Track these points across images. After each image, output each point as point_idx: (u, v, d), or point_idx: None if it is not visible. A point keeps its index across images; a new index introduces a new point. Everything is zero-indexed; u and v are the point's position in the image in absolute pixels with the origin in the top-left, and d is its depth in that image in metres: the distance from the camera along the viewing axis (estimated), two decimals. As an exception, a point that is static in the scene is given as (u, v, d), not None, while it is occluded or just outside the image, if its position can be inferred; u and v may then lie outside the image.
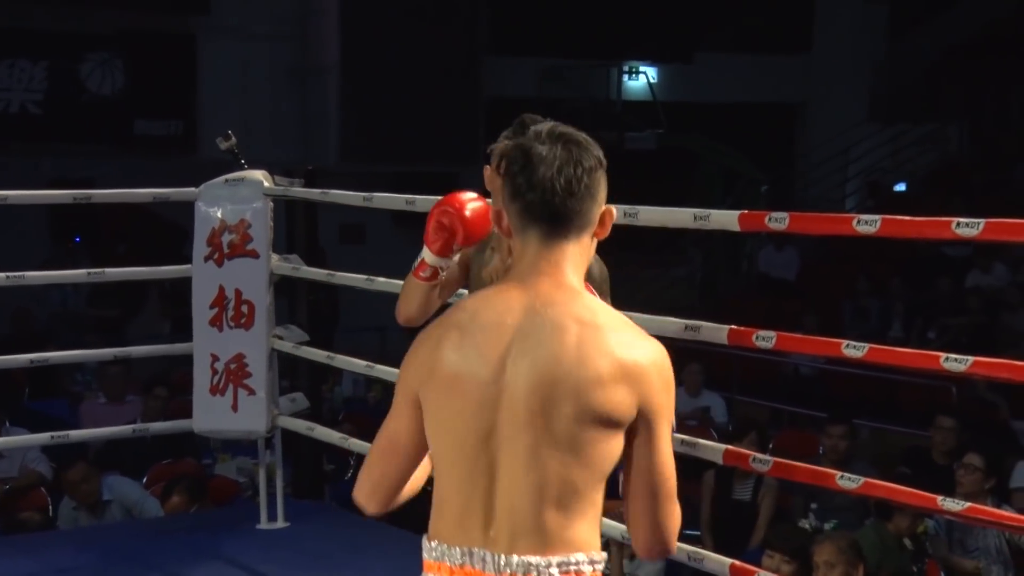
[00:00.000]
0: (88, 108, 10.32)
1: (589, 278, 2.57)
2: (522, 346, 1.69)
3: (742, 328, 2.85)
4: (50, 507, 5.40)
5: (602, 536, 4.66)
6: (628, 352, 1.70)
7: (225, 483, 5.66)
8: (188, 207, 4.44)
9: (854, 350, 2.57)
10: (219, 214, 4.28)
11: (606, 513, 4.08)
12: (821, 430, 5.85)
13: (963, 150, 13.07)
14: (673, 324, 3.03)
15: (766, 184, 12.77)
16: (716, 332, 2.90)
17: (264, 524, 4.26)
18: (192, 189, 4.39)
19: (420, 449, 1.79)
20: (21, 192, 4.35)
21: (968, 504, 2.55)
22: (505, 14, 12.45)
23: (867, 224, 2.49)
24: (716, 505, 5.50)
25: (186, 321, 4.34)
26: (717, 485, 5.50)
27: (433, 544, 1.74)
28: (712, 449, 3.11)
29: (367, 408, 7.60)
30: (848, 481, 2.67)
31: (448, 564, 1.71)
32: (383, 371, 3.72)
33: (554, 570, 1.68)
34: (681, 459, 4.86)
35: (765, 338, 2.75)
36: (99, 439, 5.46)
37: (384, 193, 3.78)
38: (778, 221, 2.71)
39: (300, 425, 4.22)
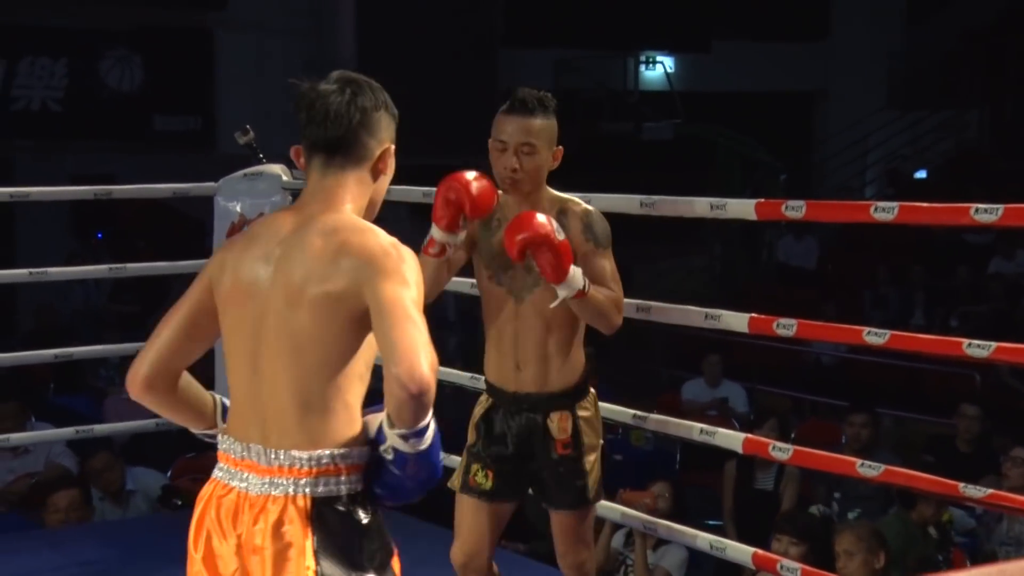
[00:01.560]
0: (108, 104, 10.37)
1: (590, 232, 2.66)
2: (281, 260, 1.88)
3: (762, 316, 2.85)
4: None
5: (624, 526, 4.61)
6: (351, 251, 1.84)
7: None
8: (207, 201, 4.45)
9: (876, 337, 2.57)
10: (238, 208, 4.30)
11: (628, 504, 4.08)
12: (843, 419, 5.83)
13: (982, 136, 12.98)
14: (694, 313, 3.03)
15: (785, 173, 12.73)
16: (736, 320, 2.91)
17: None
18: (211, 184, 4.41)
19: (191, 323, 1.99)
20: (43, 188, 4.39)
21: (990, 491, 2.55)
22: (520, 5, 12.43)
23: (885, 211, 2.49)
24: (738, 495, 5.49)
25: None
26: (739, 475, 5.49)
27: (223, 438, 1.94)
28: (731, 438, 3.11)
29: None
30: (869, 469, 2.67)
31: (233, 456, 1.90)
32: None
33: (313, 464, 1.83)
34: (701, 449, 4.86)
35: (786, 326, 2.76)
36: (123, 433, 5.50)
37: (402, 186, 3.79)
38: (795, 209, 2.72)
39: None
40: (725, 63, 13.29)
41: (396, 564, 1.93)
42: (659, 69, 13.38)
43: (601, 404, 3.57)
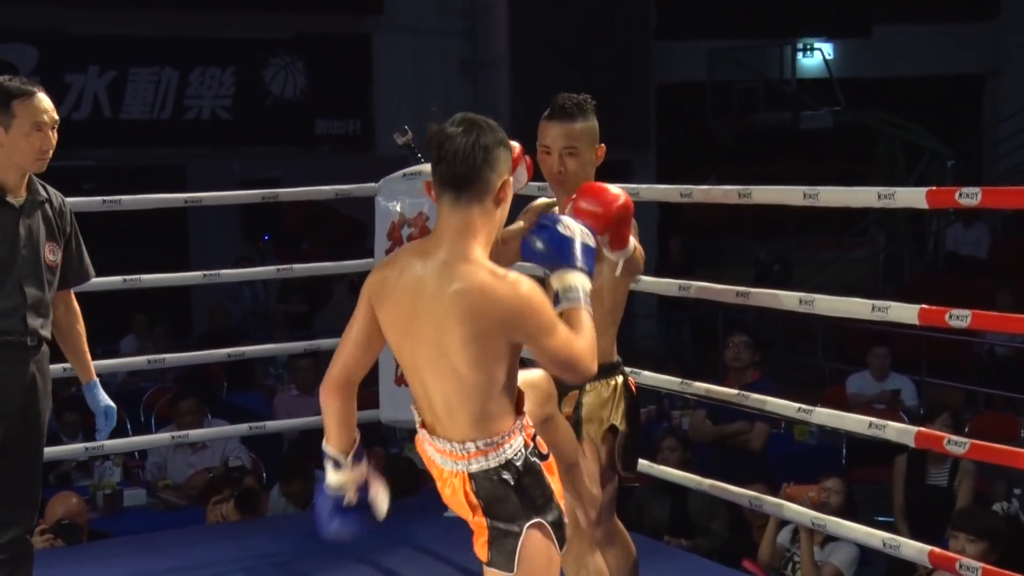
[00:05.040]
0: (272, 110, 10.70)
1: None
2: (424, 289, 2.21)
3: (933, 307, 2.76)
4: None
5: (789, 522, 4.51)
6: (493, 299, 2.16)
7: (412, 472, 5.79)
8: (367, 202, 4.55)
9: (1057, 328, 2.46)
10: (398, 208, 4.38)
11: (791, 499, 4.01)
12: (1022, 413, 5.60)
13: None
14: (861, 305, 2.96)
15: (952, 159, 12.29)
16: (906, 312, 2.82)
17: (450, 512, 4.34)
18: (372, 184, 4.51)
19: (366, 338, 2.36)
20: (214, 193, 4.55)
21: None
22: (673, -3, 12.33)
23: (1068, 195, 2.38)
24: (909, 491, 5.33)
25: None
26: (910, 470, 5.33)
27: (412, 408, 2.34)
28: (903, 432, 3.03)
29: (547, 396, 7.65)
30: (1054, 464, 2.55)
31: (419, 430, 2.33)
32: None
33: (465, 451, 2.25)
34: (869, 443, 4.70)
35: (959, 317, 2.66)
36: (293, 430, 5.67)
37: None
38: (969, 197, 2.62)
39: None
40: (886, 47, 12.90)
41: (560, 501, 2.32)
42: (817, 56, 13.07)
43: (767, 399, 3.52)
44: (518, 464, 2.27)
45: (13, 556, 3.01)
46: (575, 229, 2.36)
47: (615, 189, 2.62)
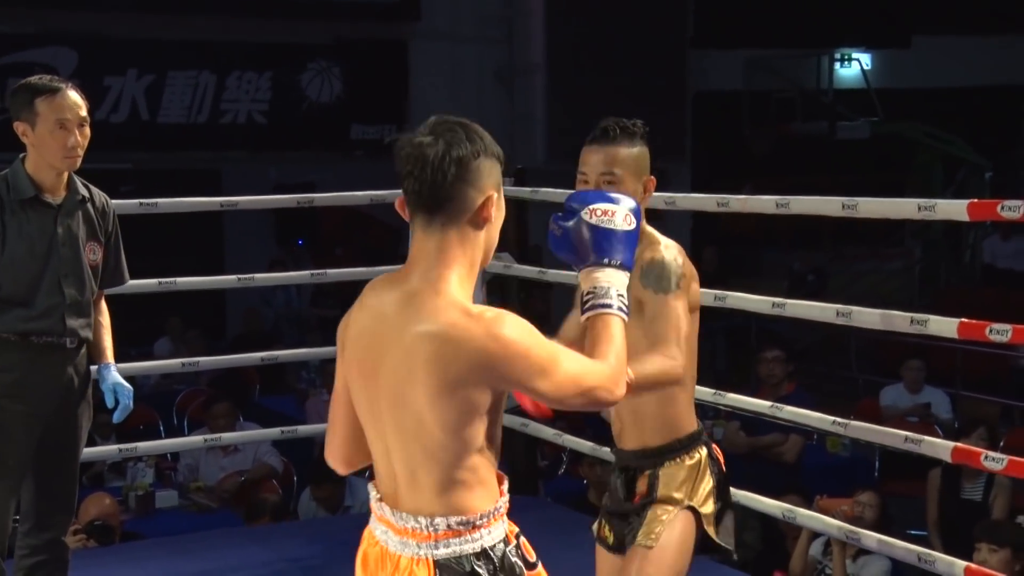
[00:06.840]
0: (308, 115, 10.76)
1: (646, 280, 2.40)
2: (387, 325, 1.84)
3: (973, 321, 2.73)
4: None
5: (821, 535, 4.46)
6: (465, 343, 1.77)
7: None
8: (403, 208, 4.55)
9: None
10: (433, 214, 4.38)
11: (824, 511, 3.97)
12: (1058, 428, 5.54)
13: None
14: (899, 318, 2.94)
15: (990, 171, 12.18)
16: (945, 326, 2.80)
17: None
18: (408, 191, 4.51)
19: (350, 400, 1.97)
20: (249, 198, 4.58)
21: None
22: (709, 6, 12.29)
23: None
24: (943, 505, 5.28)
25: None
26: (944, 484, 5.28)
27: (371, 487, 1.97)
28: (939, 446, 3.00)
29: (579, 404, 7.64)
30: (1093, 482, 2.52)
31: (375, 510, 1.94)
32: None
33: (433, 530, 1.85)
34: (902, 456, 4.63)
35: (1000, 331, 2.63)
36: (324, 434, 5.68)
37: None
38: (1012, 210, 2.60)
39: (515, 421, 4.29)
40: (925, 58, 12.81)
41: None
42: (855, 66, 13.01)
43: (799, 411, 3.50)
44: (496, 558, 1.85)
45: (52, 557, 3.05)
46: (610, 210, 1.96)
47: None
